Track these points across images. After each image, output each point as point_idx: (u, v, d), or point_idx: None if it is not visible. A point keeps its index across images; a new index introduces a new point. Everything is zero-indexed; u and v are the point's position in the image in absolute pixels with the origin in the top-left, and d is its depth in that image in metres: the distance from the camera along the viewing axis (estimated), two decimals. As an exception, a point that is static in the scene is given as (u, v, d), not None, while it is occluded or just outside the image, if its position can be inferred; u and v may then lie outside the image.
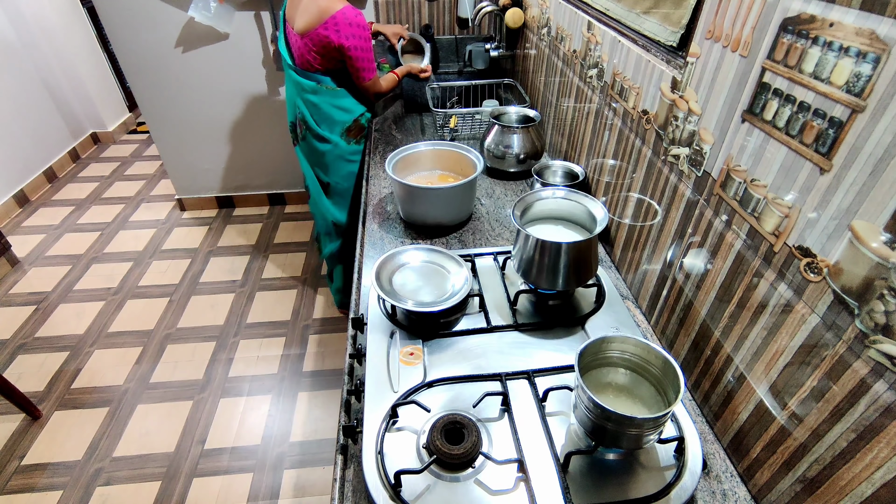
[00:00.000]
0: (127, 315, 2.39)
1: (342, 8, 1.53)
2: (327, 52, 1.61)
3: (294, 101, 1.79)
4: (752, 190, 0.68)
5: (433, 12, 2.44)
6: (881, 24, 0.48)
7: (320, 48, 1.60)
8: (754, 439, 0.71)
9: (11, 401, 1.83)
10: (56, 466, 1.76)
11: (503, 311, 1.00)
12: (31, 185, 3.31)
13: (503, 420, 0.79)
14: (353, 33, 1.56)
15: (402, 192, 1.25)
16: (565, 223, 1.04)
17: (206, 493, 1.68)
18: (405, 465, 0.71)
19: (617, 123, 1.10)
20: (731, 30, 0.70)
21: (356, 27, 1.56)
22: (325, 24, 1.54)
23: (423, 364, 0.88)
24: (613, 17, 1.09)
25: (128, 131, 4.26)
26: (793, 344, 0.62)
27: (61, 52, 3.50)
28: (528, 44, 1.82)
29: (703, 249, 0.80)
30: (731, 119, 0.71)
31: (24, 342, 2.24)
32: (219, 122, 2.84)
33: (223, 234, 2.97)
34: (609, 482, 0.70)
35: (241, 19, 2.51)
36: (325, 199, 1.94)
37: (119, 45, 2.53)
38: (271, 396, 2.00)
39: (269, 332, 2.30)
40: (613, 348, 0.76)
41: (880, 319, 0.50)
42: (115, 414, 1.93)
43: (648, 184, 0.97)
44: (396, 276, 1.02)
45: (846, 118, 0.53)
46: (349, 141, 1.81)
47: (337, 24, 1.54)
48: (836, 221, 0.55)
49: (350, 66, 1.66)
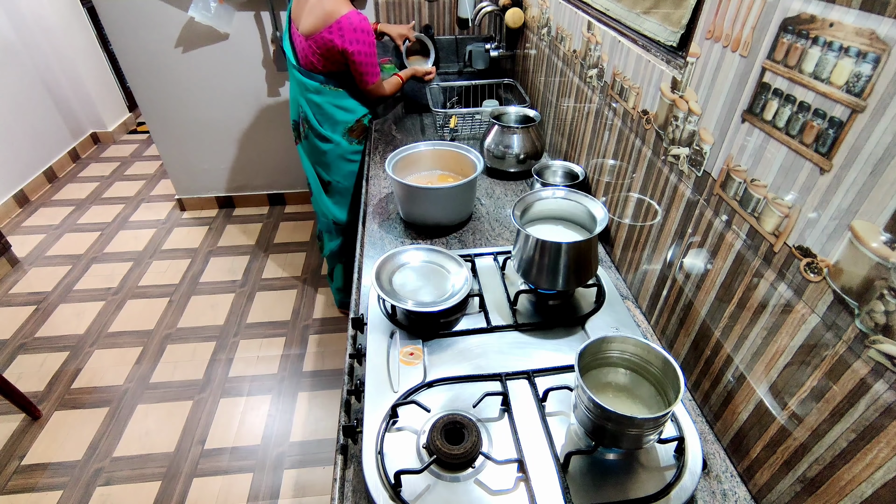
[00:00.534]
0: (127, 315, 2.39)
1: (347, 13, 1.54)
2: (331, 55, 1.62)
3: (297, 100, 1.79)
4: (752, 190, 0.68)
5: (433, 12, 2.44)
6: (881, 24, 0.48)
7: (324, 51, 1.60)
8: (754, 439, 0.71)
9: (11, 401, 1.83)
10: (56, 466, 1.76)
11: (503, 311, 1.00)
12: (31, 185, 3.31)
13: (503, 420, 0.79)
14: (357, 38, 1.57)
15: (402, 192, 1.25)
16: (565, 223, 1.04)
17: (206, 493, 1.68)
18: (405, 465, 0.71)
19: (617, 123, 1.10)
20: (731, 30, 0.70)
21: (360, 32, 1.57)
22: (330, 28, 1.55)
23: (423, 364, 0.88)
24: (613, 17, 1.09)
25: (128, 131, 4.26)
26: (793, 344, 0.62)
27: (61, 52, 3.50)
28: (528, 44, 1.82)
29: (703, 249, 0.80)
30: (731, 119, 0.71)
31: (24, 342, 2.24)
32: (219, 122, 2.84)
33: (223, 234, 2.97)
34: (609, 482, 0.70)
35: (241, 19, 2.51)
36: (326, 197, 1.95)
37: (119, 45, 2.53)
38: (271, 396, 2.00)
39: (269, 332, 2.30)
40: (613, 348, 0.76)
41: (880, 319, 0.50)
42: (115, 414, 1.93)
43: (648, 184, 0.97)
44: (396, 276, 1.02)
45: (846, 118, 0.53)
46: (351, 141, 1.82)
47: (342, 29, 1.54)
48: (836, 221, 0.55)
49: (353, 71, 1.66)
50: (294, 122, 1.88)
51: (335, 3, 1.54)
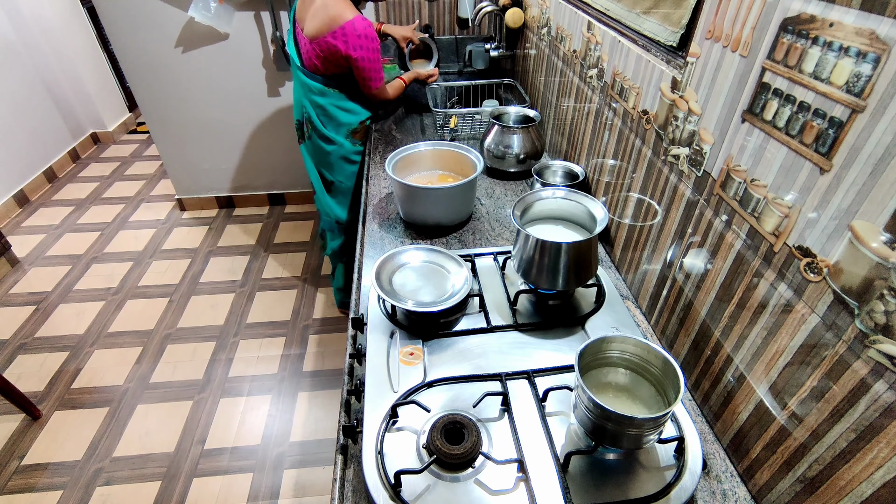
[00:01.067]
0: (127, 315, 2.39)
1: (352, 19, 1.54)
2: (335, 59, 1.62)
3: (301, 101, 1.79)
4: (752, 190, 0.68)
5: (433, 12, 2.44)
6: (881, 24, 0.48)
7: (328, 55, 1.61)
8: (754, 439, 0.71)
9: (11, 401, 1.83)
10: (56, 466, 1.76)
11: (503, 311, 1.00)
12: (31, 185, 3.31)
13: (503, 420, 0.79)
14: (361, 45, 1.57)
15: (402, 192, 1.25)
16: (565, 223, 1.04)
17: (206, 493, 1.68)
18: (405, 465, 0.71)
19: (617, 123, 1.10)
20: (731, 30, 0.70)
21: (365, 38, 1.57)
22: (335, 33, 1.55)
23: (423, 364, 0.88)
24: (613, 17, 1.09)
25: (128, 131, 4.26)
26: (793, 344, 0.62)
27: (61, 52, 3.50)
28: (528, 44, 1.82)
29: (703, 249, 0.80)
30: (731, 119, 0.71)
31: (24, 342, 2.24)
32: (219, 122, 2.84)
33: (223, 234, 2.97)
34: (609, 482, 0.70)
35: (241, 19, 2.51)
36: (329, 197, 1.95)
37: (119, 45, 2.53)
38: (271, 396, 2.00)
39: (269, 332, 2.30)
40: (613, 348, 0.76)
41: (880, 319, 0.50)
42: (115, 414, 1.93)
43: (648, 184, 0.97)
44: (396, 276, 1.02)
45: (846, 118, 0.53)
46: (354, 142, 1.82)
47: (346, 34, 1.54)
48: (836, 221, 0.55)
49: (357, 76, 1.67)
50: (297, 122, 1.89)
51: (340, 8, 1.54)
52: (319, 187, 1.95)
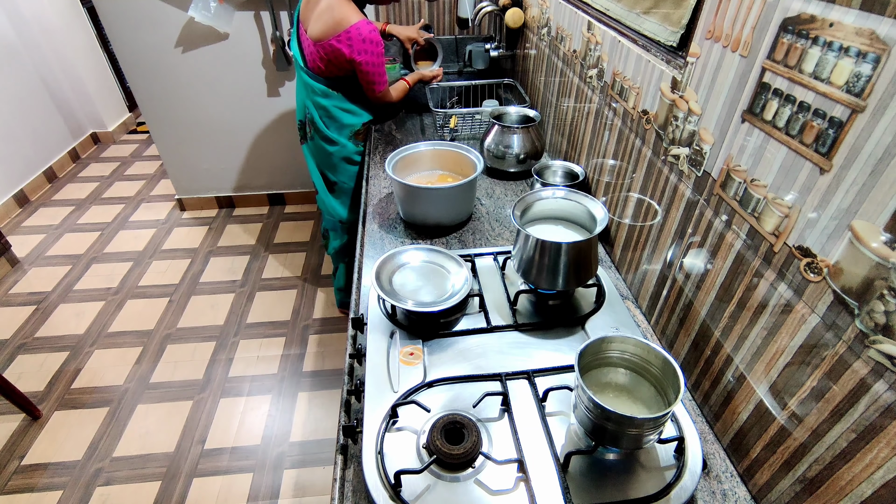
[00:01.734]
0: (127, 315, 2.39)
1: (357, 23, 1.53)
2: (339, 62, 1.62)
3: (304, 101, 1.79)
4: (752, 190, 0.68)
5: (433, 12, 2.44)
6: (881, 24, 0.48)
7: (332, 57, 1.61)
8: (754, 439, 0.71)
9: (11, 401, 1.83)
10: (56, 466, 1.76)
11: (503, 311, 1.00)
12: (31, 185, 3.31)
13: (503, 420, 0.79)
14: (365, 49, 1.57)
15: (402, 192, 1.25)
16: (565, 223, 1.04)
17: (206, 493, 1.68)
18: (405, 465, 0.71)
19: (617, 123, 1.10)
20: (731, 30, 0.70)
21: (369, 43, 1.56)
22: (339, 37, 1.55)
23: (423, 364, 0.88)
24: (613, 17, 1.09)
25: (128, 131, 4.26)
26: (793, 344, 0.62)
27: (61, 52, 3.50)
28: (528, 44, 1.82)
29: (703, 249, 0.80)
30: (731, 119, 0.71)
31: (24, 342, 2.24)
32: (219, 122, 2.84)
33: (223, 234, 2.97)
34: (609, 482, 0.70)
35: (241, 19, 2.51)
36: (332, 197, 1.95)
37: (119, 45, 2.53)
38: (271, 396, 2.00)
39: (269, 332, 2.30)
40: (613, 348, 0.76)
41: (880, 319, 0.50)
42: (115, 414, 1.93)
43: (648, 184, 0.97)
44: (396, 276, 1.02)
45: (846, 118, 0.53)
46: (357, 143, 1.83)
47: (350, 38, 1.54)
48: (836, 221, 0.55)
49: (361, 79, 1.67)
50: (300, 123, 1.89)
51: (344, 12, 1.54)
52: (322, 187, 1.95)
